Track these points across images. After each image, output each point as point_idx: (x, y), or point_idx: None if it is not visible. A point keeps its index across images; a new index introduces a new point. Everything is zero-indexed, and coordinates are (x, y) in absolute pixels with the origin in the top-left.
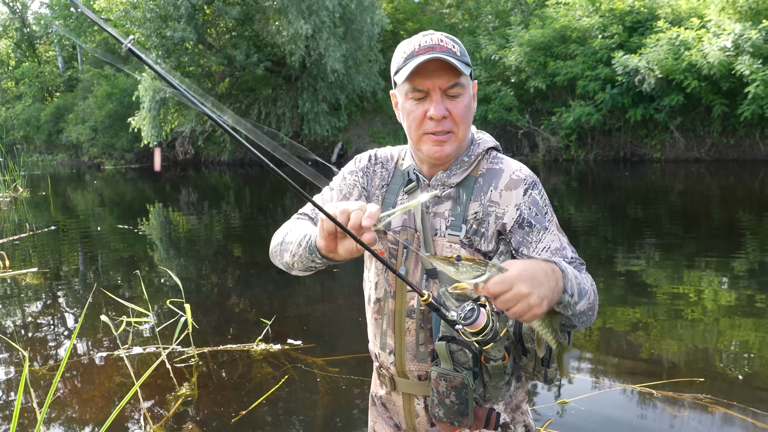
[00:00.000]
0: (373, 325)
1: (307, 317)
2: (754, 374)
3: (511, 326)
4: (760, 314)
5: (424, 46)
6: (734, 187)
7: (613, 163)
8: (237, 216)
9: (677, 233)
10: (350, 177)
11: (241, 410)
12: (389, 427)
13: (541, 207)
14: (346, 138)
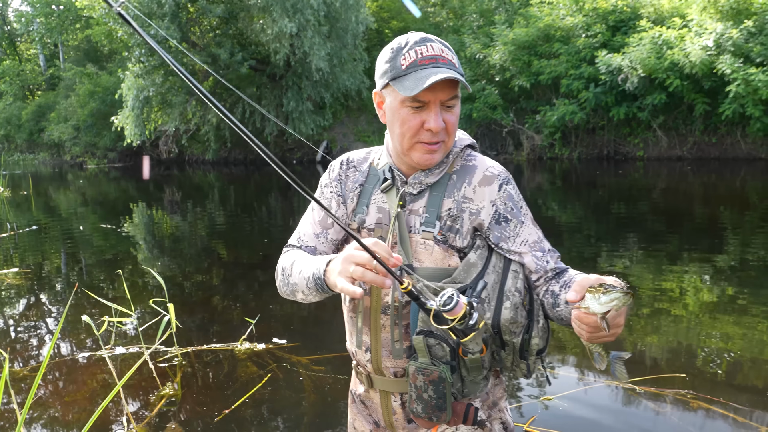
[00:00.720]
0: (349, 323)
1: (292, 316)
2: (735, 370)
3: (489, 318)
4: (742, 311)
5: (426, 57)
6: (716, 185)
7: (596, 162)
8: (221, 215)
9: (660, 231)
10: (327, 190)
11: (225, 409)
12: (368, 425)
13: (516, 201)
14: (331, 137)
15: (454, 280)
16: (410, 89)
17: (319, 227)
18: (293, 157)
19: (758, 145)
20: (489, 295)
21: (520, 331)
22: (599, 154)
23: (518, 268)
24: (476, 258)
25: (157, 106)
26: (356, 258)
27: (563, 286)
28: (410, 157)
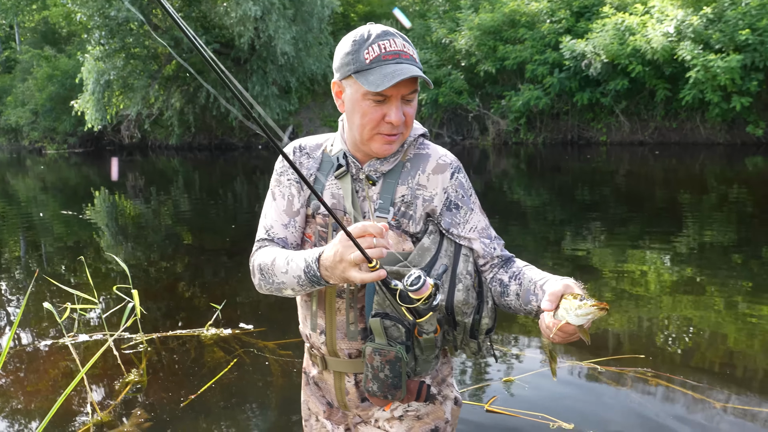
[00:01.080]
0: (303, 307)
1: (259, 302)
2: (694, 349)
3: (443, 300)
4: (700, 292)
5: (390, 52)
6: (676, 169)
7: (561, 147)
8: (186, 201)
9: (622, 214)
10: (284, 178)
11: (191, 395)
12: (322, 405)
13: (466, 189)
14: (297, 121)
15: (409, 264)
16: (376, 85)
17: (286, 217)
18: (258, 142)
19: (716, 131)
20: (443, 278)
21: (471, 312)
22: (563, 139)
23: (468, 252)
24: (430, 243)
25: (118, 90)
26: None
27: (512, 277)
28: (369, 147)
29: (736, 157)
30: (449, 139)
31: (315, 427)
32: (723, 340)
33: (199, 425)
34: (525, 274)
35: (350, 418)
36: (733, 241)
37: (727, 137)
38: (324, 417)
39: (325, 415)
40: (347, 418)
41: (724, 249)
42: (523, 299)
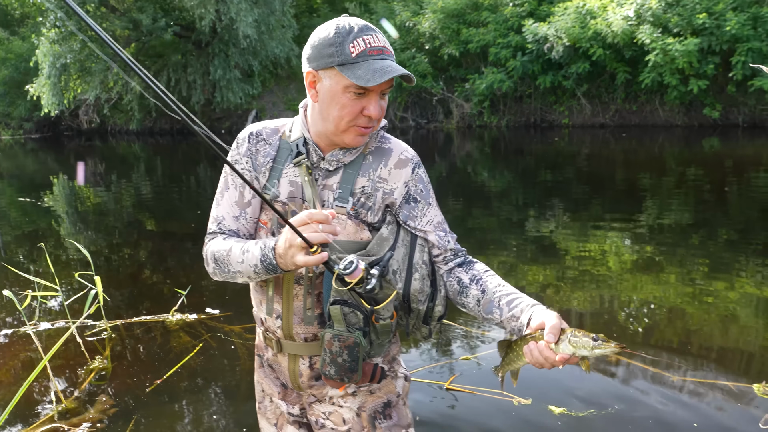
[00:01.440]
0: (258, 292)
1: (225, 287)
2: (653, 326)
3: (401, 289)
4: (659, 271)
5: (375, 48)
6: (636, 151)
7: (524, 129)
8: (148, 187)
9: (584, 196)
10: (237, 167)
11: (157, 380)
12: (276, 387)
13: (425, 184)
14: (260, 106)
15: (368, 253)
16: (365, 80)
17: (237, 209)
18: (221, 126)
19: (675, 113)
20: (400, 267)
21: (425, 300)
22: (527, 121)
23: (423, 242)
24: (388, 233)
25: (75, 74)
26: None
27: (473, 281)
28: (342, 138)
29: (694, 139)
30: (414, 122)
31: (269, 409)
32: (681, 316)
33: (165, 410)
34: (488, 282)
35: (305, 398)
36: (690, 221)
37: (684, 119)
38: (279, 398)
39: (280, 396)
40: (302, 398)
41: (682, 229)
42: (485, 308)
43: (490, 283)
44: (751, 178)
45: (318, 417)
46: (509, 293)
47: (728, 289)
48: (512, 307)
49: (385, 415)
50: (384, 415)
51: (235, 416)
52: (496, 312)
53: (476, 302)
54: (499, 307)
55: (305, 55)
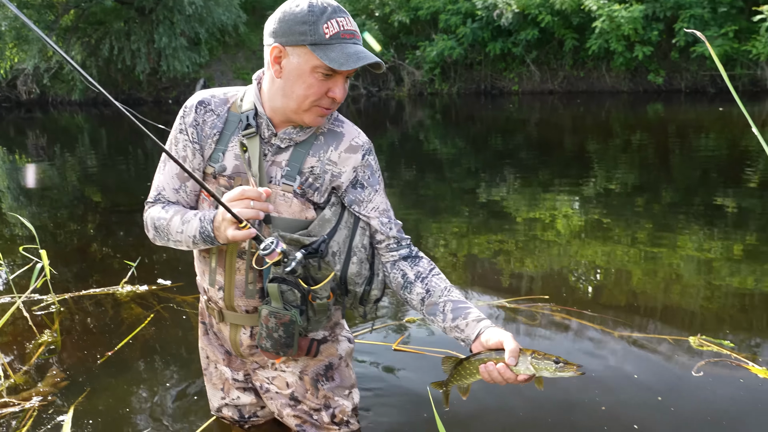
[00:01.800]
0: (201, 262)
1: (176, 258)
2: (601, 286)
3: (338, 271)
4: (607, 234)
5: (348, 31)
6: (584, 116)
7: (474, 96)
8: (94, 159)
9: (534, 161)
10: (181, 138)
11: (108, 352)
12: (221, 354)
13: (374, 171)
14: (208, 74)
15: (309, 233)
16: (339, 63)
17: (178, 181)
18: (169, 96)
19: (621, 79)
20: (340, 249)
21: (362, 283)
22: (477, 89)
23: (365, 226)
24: (331, 214)
25: (11, 42)
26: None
27: (419, 278)
28: (301, 117)
29: (639, 104)
30: (365, 90)
31: (214, 374)
32: (627, 277)
33: (117, 380)
34: (433, 283)
35: (248, 365)
36: (635, 185)
37: (630, 85)
38: (223, 365)
39: (225, 363)
40: (246, 364)
41: (628, 192)
42: (428, 309)
43: (435, 285)
44: (693, 142)
45: (262, 382)
46: (455, 300)
47: (671, 250)
48: (457, 317)
49: (327, 377)
50: (326, 377)
51: (188, 384)
52: (439, 316)
53: (420, 301)
54: (443, 313)
55: (270, 27)
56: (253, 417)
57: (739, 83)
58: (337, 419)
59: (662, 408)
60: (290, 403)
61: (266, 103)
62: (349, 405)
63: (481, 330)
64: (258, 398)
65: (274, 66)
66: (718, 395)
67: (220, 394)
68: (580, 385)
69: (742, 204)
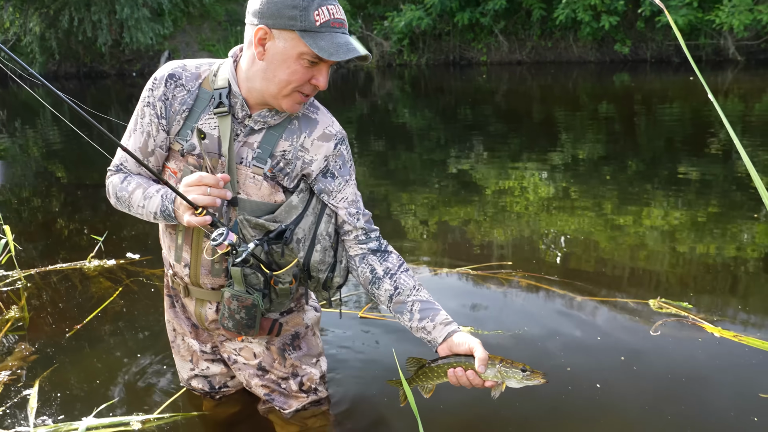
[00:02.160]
0: (167, 237)
1: (145, 233)
2: (567, 255)
3: (302, 258)
4: (574, 203)
5: (337, 20)
6: (552, 87)
7: (443, 67)
8: (56, 134)
9: (502, 132)
10: (148, 111)
11: (76, 325)
12: (187, 326)
13: (345, 161)
14: (173, 46)
15: (275, 219)
16: (329, 53)
17: (141, 155)
18: (132, 69)
19: (588, 49)
20: (305, 236)
21: (325, 269)
22: (446, 59)
23: (332, 214)
24: (298, 201)
25: None
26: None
27: (387, 274)
28: (279, 102)
29: (606, 74)
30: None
31: (182, 347)
32: (593, 245)
33: (86, 354)
34: (402, 281)
35: (215, 337)
36: (602, 154)
37: (597, 55)
38: (191, 337)
39: (192, 336)
40: (213, 337)
41: (595, 162)
42: (395, 307)
43: (404, 283)
44: (658, 112)
45: (230, 354)
46: (423, 300)
47: (637, 218)
48: (424, 318)
49: (294, 347)
50: (293, 346)
51: (157, 356)
52: (406, 315)
53: (388, 298)
54: (410, 312)
55: (255, 6)
56: (224, 387)
57: (703, 53)
58: (306, 387)
59: (625, 367)
60: (258, 373)
61: (243, 83)
62: (316, 373)
63: (449, 334)
64: (228, 368)
65: (257, 47)
66: (678, 354)
67: (188, 366)
68: (545, 349)
69: (705, 172)
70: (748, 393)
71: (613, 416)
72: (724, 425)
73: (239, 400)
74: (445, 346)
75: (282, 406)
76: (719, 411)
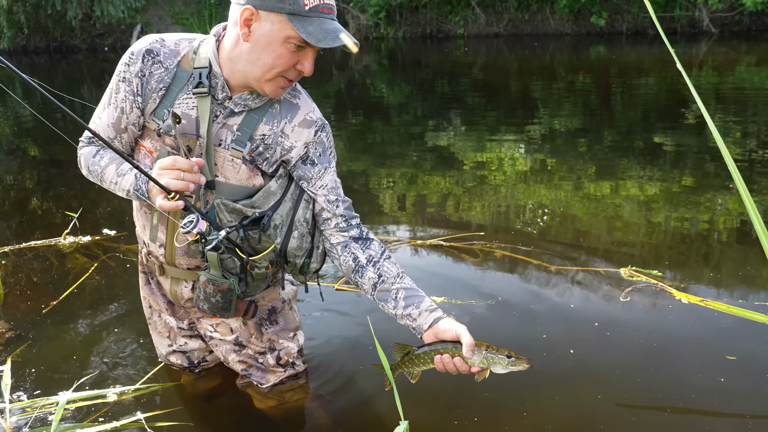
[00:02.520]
0: (142, 216)
1: (121, 210)
2: (543, 226)
3: (279, 244)
4: (550, 175)
5: (326, 5)
6: (529, 59)
7: (420, 40)
8: (26, 112)
9: (480, 105)
10: (123, 87)
11: (52, 301)
12: (164, 303)
13: (326, 148)
14: (145, 20)
15: (253, 205)
16: (317, 39)
17: (113, 131)
18: (104, 43)
19: (564, 21)
20: (283, 222)
21: (302, 255)
22: (423, 32)
23: (309, 200)
24: (277, 187)
25: None
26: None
27: (370, 262)
28: (263, 85)
29: (582, 47)
30: None
31: (159, 323)
32: (568, 217)
33: (62, 329)
34: (385, 268)
35: (192, 314)
36: (579, 127)
37: (573, 27)
38: (168, 314)
39: (168, 313)
40: (189, 313)
41: (572, 135)
42: (380, 295)
43: (388, 270)
44: (634, 84)
45: (206, 330)
46: (408, 288)
47: (612, 190)
48: (409, 305)
49: (271, 321)
50: (270, 320)
51: (134, 331)
52: (391, 303)
53: (372, 286)
54: (395, 300)
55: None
56: (203, 362)
57: (678, 25)
58: (283, 361)
59: (598, 333)
60: (235, 348)
61: (225, 64)
62: (294, 347)
63: (435, 320)
64: (206, 343)
65: (243, 28)
66: (648, 320)
67: (166, 342)
68: (521, 317)
69: (680, 143)
70: (715, 356)
71: (586, 380)
72: (692, 386)
73: (219, 373)
74: (430, 332)
75: (260, 380)
76: (687, 373)
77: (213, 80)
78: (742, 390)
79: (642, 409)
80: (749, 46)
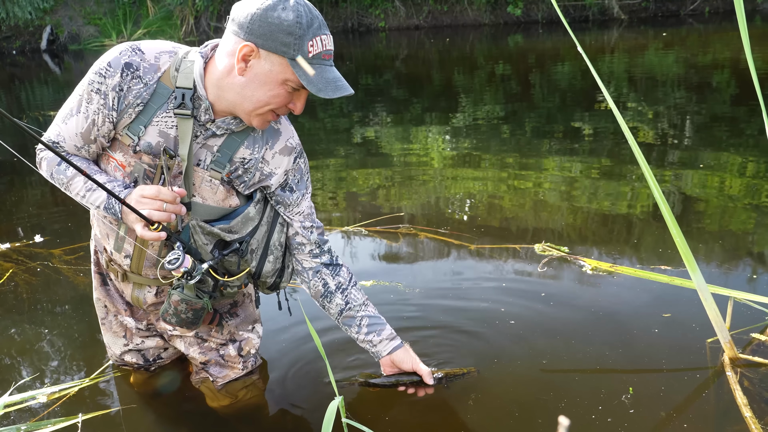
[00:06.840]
0: (104, 225)
1: (41, 215)
2: (465, 210)
3: (254, 267)
4: (475, 162)
5: (327, 52)
6: (449, 50)
7: (342, 34)
8: None
9: (404, 98)
10: (96, 98)
11: None
12: (122, 305)
13: (303, 174)
14: (55, 21)
15: (231, 229)
16: (317, 88)
17: (81, 140)
18: (12, 46)
19: (482, 12)
20: (259, 246)
21: (273, 275)
22: (344, 26)
23: (284, 223)
24: (255, 213)
25: None
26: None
27: (339, 289)
28: (251, 119)
29: (501, 37)
30: None
31: (114, 323)
32: (490, 201)
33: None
34: (353, 297)
35: (151, 316)
36: (501, 115)
37: (491, 18)
38: (126, 315)
39: (127, 314)
40: (149, 315)
41: (494, 122)
42: (345, 320)
43: (354, 298)
44: (551, 71)
45: (165, 329)
46: (371, 315)
47: (537, 174)
48: (371, 332)
49: (231, 314)
50: (230, 313)
51: (74, 332)
52: (354, 328)
53: (338, 312)
54: (359, 326)
55: (243, 20)
56: (158, 359)
57: (590, 13)
58: (244, 352)
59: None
60: (197, 341)
61: (211, 89)
62: (254, 337)
63: (393, 349)
64: (163, 340)
65: (240, 63)
66: (556, 286)
67: (122, 341)
68: (443, 294)
69: (597, 126)
70: (652, 314)
71: (524, 345)
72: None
73: (173, 368)
74: (388, 359)
75: (217, 376)
76: (625, 330)
77: (197, 102)
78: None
79: (576, 372)
80: (656, 31)
